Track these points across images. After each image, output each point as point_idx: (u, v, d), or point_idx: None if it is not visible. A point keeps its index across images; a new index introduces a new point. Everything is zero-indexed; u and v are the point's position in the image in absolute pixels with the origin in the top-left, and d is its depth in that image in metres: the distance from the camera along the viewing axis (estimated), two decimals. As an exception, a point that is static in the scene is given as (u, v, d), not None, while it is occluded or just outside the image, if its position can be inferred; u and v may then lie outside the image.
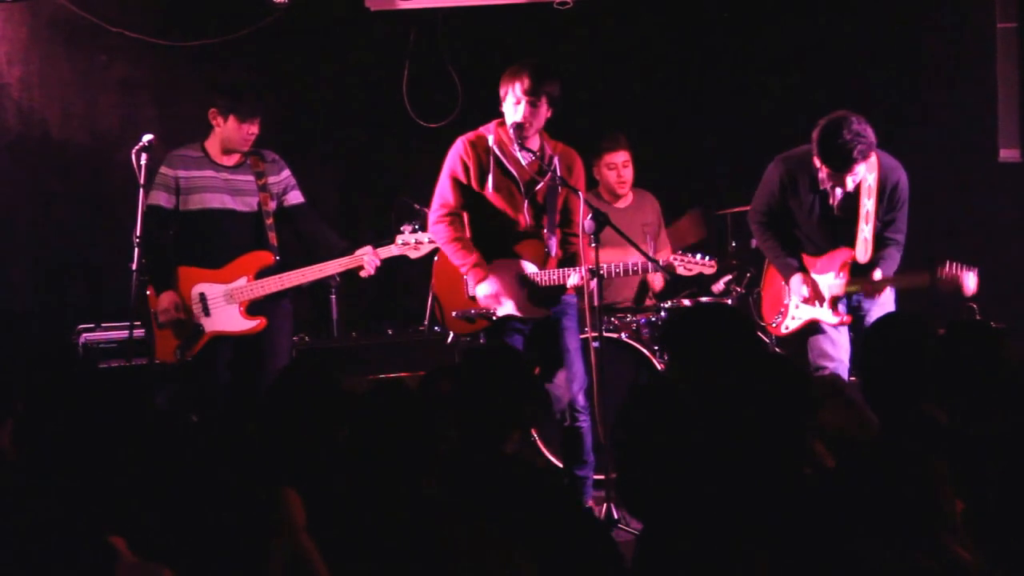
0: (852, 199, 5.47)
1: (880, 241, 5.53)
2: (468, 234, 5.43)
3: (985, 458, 3.21)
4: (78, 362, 5.73)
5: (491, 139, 5.38)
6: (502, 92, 5.34)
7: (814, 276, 5.61)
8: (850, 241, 5.52)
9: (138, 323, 5.61)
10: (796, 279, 5.63)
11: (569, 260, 5.48)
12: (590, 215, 5.15)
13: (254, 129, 5.56)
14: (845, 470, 2.84)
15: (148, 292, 5.54)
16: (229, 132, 5.54)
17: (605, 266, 5.28)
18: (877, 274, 5.50)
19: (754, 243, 6.44)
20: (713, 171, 7.48)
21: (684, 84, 7.52)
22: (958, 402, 3.52)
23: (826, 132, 5.33)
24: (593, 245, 5.13)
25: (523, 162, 5.41)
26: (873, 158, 5.42)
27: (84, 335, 6.30)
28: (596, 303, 5.19)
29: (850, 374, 5.60)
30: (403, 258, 5.67)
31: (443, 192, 5.43)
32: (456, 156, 5.42)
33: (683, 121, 7.50)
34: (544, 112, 5.33)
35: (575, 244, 5.46)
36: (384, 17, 7.02)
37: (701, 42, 7.49)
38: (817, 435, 3.34)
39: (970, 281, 5.40)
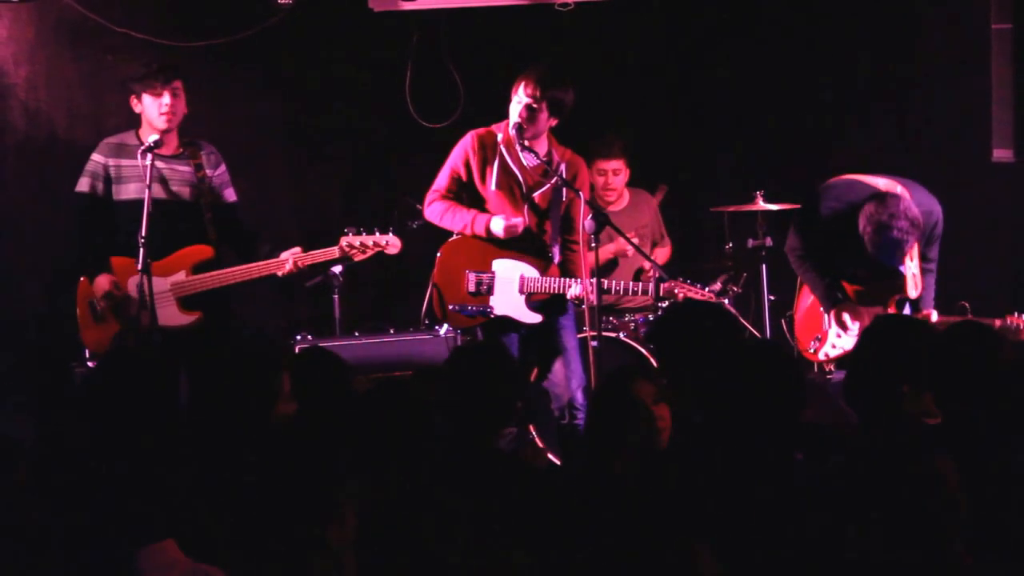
0: None
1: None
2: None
3: (980, 456, 3.27)
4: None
5: (500, 136, 5.46)
6: (511, 91, 5.42)
7: (861, 308, 5.57)
8: (893, 274, 5.48)
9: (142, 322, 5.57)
10: (840, 311, 5.57)
11: (564, 266, 5.54)
12: (591, 215, 5.22)
13: (167, 100, 5.44)
14: (845, 468, 2.89)
15: (81, 280, 5.46)
16: (147, 113, 5.48)
17: (606, 282, 5.33)
18: (934, 315, 5.45)
19: (751, 243, 6.51)
20: (713, 171, 7.53)
21: (684, 85, 7.57)
22: (953, 401, 3.59)
23: (877, 232, 5.20)
24: (593, 245, 5.20)
25: (526, 164, 5.48)
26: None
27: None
28: (595, 303, 5.26)
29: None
30: (401, 255, 5.71)
31: (440, 180, 5.53)
32: (462, 151, 5.48)
33: (683, 121, 7.55)
34: (544, 118, 5.37)
35: (574, 251, 5.53)
36: (387, 18, 7.06)
37: (701, 43, 7.53)
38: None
39: None
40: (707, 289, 5.43)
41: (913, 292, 5.48)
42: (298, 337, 6.37)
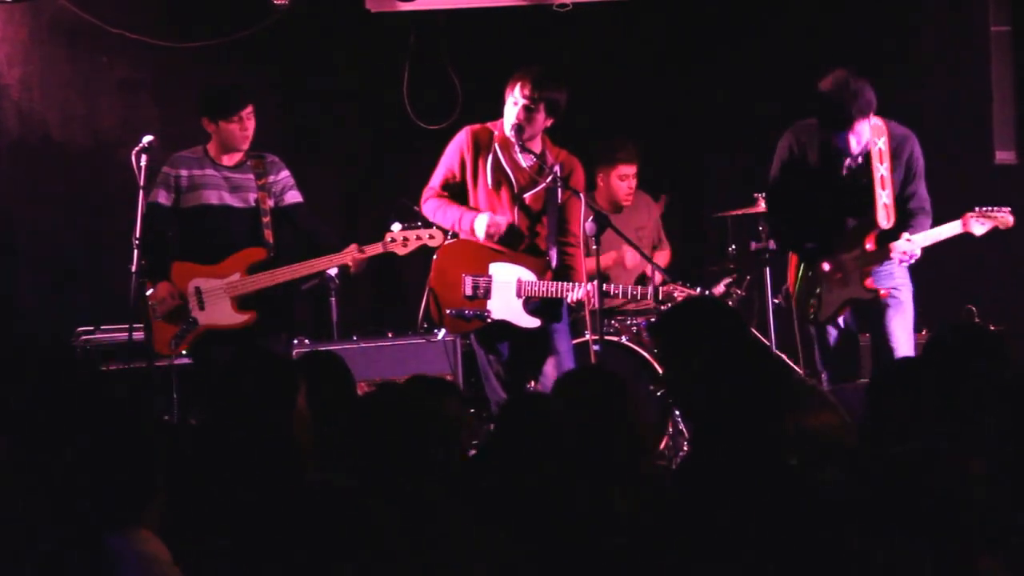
0: (864, 165, 5.40)
1: (907, 212, 5.43)
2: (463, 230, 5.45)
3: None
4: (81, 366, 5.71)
5: (495, 135, 5.41)
6: (506, 92, 5.37)
7: (840, 256, 5.49)
8: (868, 210, 5.41)
9: (138, 325, 5.63)
10: (823, 264, 5.48)
11: (561, 270, 5.48)
12: (591, 217, 5.16)
13: (248, 123, 5.59)
14: (869, 472, 2.83)
15: (146, 284, 5.56)
16: (225, 135, 5.60)
17: (606, 286, 5.27)
18: (905, 235, 5.36)
19: (754, 245, 6.45)
20: (713, 174, 7.50)
21: (683, 87, 7.53)
22: (957, 408, 3.54)
23: (823, 92, 5.30)
24: (594, 248, 5.14)
25: (523, 164, 5.43)
26: (879, 123, 5.38)
27: (83, 337, 6.30)
28: (596, 306, 5.20)
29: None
30: (399, 259, 5.69)
31: (434, 178, 5.51)
32: (456, 148, 5.45)
33: (682, 124, 7.52)
34: (541, 119, 5.34)
35: (571, 254, 5.47)
36: (384, 19, 7.02)
37: (700, 45, 7.50)
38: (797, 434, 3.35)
39: (1007, 218, 5.42)
40: (708, 293, 5.36)
41: (885, 222, 5.40)
42: (295, 341, 6.31)
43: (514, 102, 5.31)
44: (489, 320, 5.41)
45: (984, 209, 5.43)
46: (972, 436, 3.35)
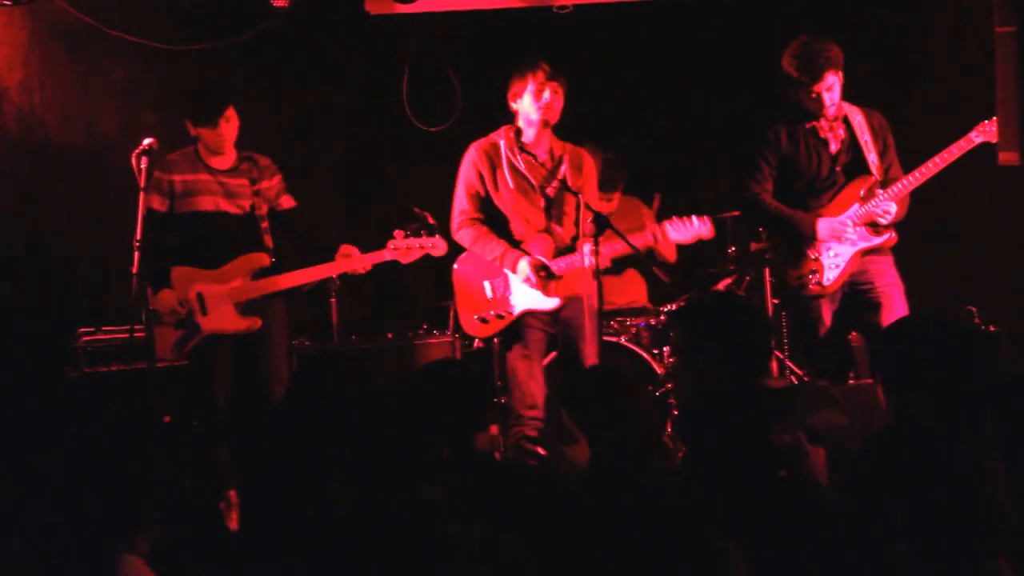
0: (852, 141, 5.57)
1: (888, 181, 5.60)
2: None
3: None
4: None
5: (502, 144, 5.48)
6: (516, 89, 5.43)
7: (844, 216, 5.53)
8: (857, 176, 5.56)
9: (139, 326, 5.63)
10: (824, 224, 5.52)
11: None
12: (591, 218, 5.18)
13: (225, 127, 5.59)
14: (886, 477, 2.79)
15: (147, 290, 5.56)
16: (205, 139, 5.63)
17: (602, 244, 5.27)
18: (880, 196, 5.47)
19: (753, 246, 6.44)
20: (713, 176, 7.48)
21: (683, 89, 7.52)
22: (954, 408, 3.50)
23: (792, 50, 5.52)
24: (594, 248, 5.14)
25: (537, 160, 5.48)
26: (852, 106, 5.60)
27: (84, 339, 6.30)
28: (596, 307, 5.20)
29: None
30: (398, 263, 5.70)
31: (460, 201, 5.56)
32: (471, 165, 5.51)
33: (682, 126, 7.50)
34: (561, 102, 5.42)
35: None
36: (384, 21, 7.02)
37: (700, 47, 7.48)
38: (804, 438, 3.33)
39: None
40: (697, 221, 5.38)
41: (876, 174, 5.55)
42: (295, 343, 6.31)
43: (536, 91, 5.36)
44: (515, 314, 5.46)
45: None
46: (974, 437, 3.34)
